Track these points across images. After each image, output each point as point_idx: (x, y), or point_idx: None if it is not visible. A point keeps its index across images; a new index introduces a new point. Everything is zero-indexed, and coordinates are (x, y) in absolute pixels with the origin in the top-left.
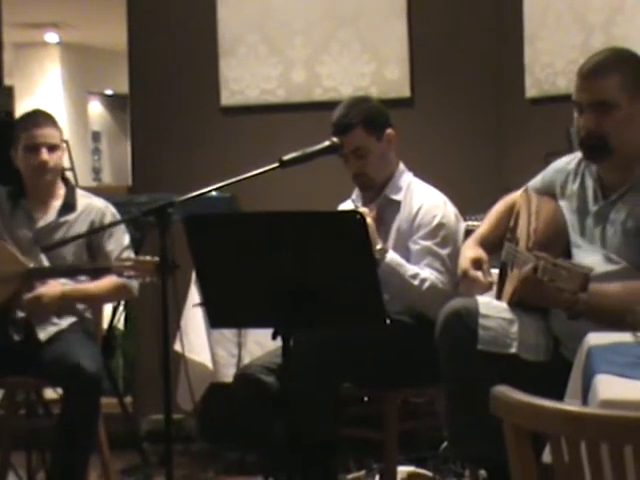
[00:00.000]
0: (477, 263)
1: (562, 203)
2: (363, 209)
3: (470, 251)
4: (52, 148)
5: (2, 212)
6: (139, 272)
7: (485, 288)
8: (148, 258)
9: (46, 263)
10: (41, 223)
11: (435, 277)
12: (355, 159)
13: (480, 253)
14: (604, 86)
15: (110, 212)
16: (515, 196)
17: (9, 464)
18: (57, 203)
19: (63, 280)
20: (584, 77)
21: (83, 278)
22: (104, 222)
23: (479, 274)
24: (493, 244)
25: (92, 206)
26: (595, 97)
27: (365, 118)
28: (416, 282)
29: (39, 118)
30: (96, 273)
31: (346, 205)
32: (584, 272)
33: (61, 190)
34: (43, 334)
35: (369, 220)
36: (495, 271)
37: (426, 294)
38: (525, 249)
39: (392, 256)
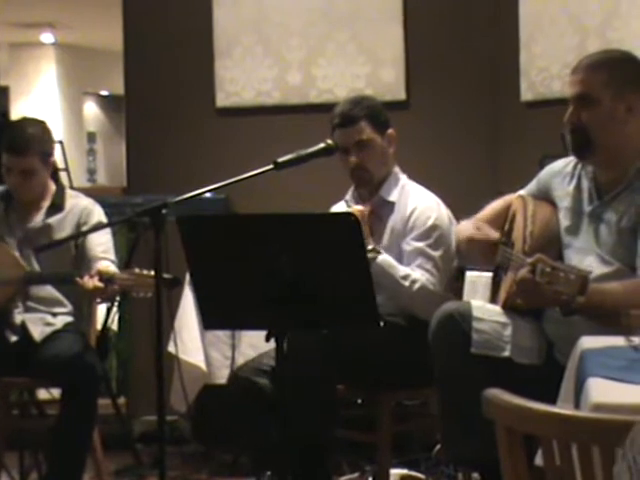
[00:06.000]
0: (479, 229)
1: (558, 205)
2: (357, 207)
3: (469, 222)
4: (26, 173)
5: None
6: (140, 287)
7: (490, 243)
8: (152, 273)
9: (35, 264)
10: (30, 224)
11: (426, 279)
12: (357, 151)
13: (479, 223)
14: (588, 80)
15: (97, 210)
16: (512, 196)
17: (1, 465)
18: (46, 204)
19: None
20: (573, 72)
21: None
22: (90, 219)
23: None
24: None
25: (78, 205)
26: (578, 90)
27: (371, 113)
28: (407, 283)
29: (19, 141)
30: None
31: (339, 207)
32: (583, 275)
33: (51, 191)
34: (38, 334)
35: (361, 219)
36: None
37: (417, 295)
38: (521, 252)
39: (384, 257)
